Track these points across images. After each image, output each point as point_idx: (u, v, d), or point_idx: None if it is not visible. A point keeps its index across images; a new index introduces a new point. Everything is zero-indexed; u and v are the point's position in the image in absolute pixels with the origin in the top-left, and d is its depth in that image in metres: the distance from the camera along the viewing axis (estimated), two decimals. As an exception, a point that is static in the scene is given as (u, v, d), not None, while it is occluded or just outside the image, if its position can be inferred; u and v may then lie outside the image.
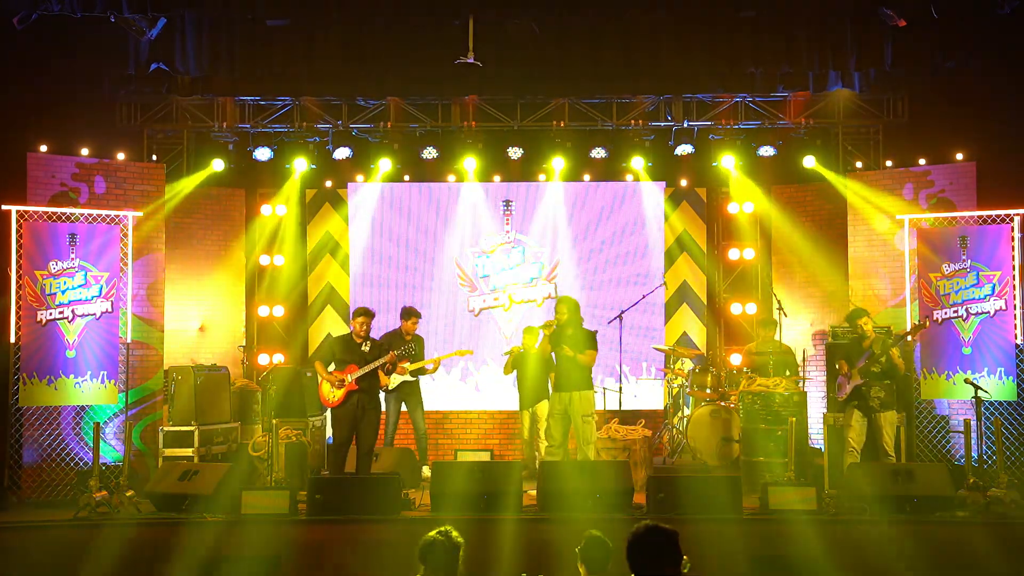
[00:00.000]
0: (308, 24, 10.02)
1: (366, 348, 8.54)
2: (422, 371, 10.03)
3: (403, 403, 10.18)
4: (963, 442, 8.39)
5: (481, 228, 12.31)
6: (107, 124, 11.06)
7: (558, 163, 11.78)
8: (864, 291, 10.77)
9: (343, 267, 12.41)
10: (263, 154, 11.71)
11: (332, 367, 8.58)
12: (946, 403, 10.00)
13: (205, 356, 11.24)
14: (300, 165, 11.80)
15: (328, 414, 10.20)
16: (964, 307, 9.73)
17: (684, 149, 11.71)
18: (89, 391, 9.38)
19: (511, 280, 12.28)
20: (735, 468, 9.77)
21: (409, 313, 10.06)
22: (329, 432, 10.58)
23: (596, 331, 9.11)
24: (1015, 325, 9.60)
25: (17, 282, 9.25)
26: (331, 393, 8.46)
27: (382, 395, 10.13)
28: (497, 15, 9.95)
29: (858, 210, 10.93)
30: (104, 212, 9.78)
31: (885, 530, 7.45)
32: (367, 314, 8.62)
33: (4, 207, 9.33)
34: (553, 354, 9.05)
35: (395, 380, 9.93)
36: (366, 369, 8.45)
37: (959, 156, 10.50)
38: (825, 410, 9.90)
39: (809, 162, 11.47)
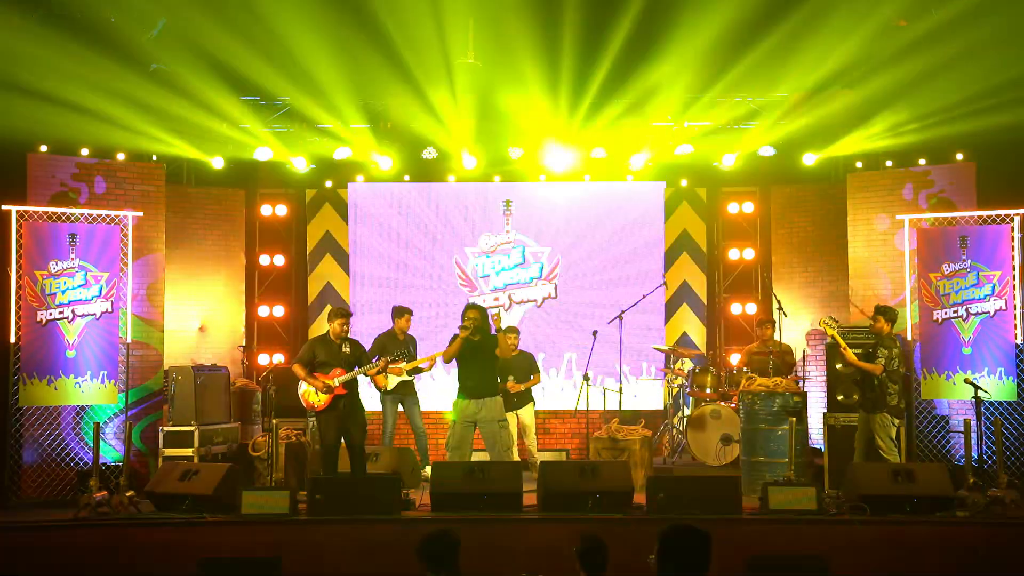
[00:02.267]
0: (308, 24, 10.02)
1: (346, 349, 8.53)
2: (417, 370, 10.06)
3: (400, 403, 10.21)
4: (963, 442, 8.38)
5: (481, 228, 12.31)
6: (107, 124, 11.04)
7: (558, 162, 11.78)
8: (864, 291, 10.77)
9: (343, 267, 12.41)
10: (263, 154, 11.72)
11: (311, 369, 8.52)
12: (946, 403, 9.99)
13: (205, 356, 11.24)
14: (299, 164, 11.80)
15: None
16: (964, 307, 9.73)
17: (684, 149, 11.71)
18: (89, 391, 9.38)
19: (511, 280, 12.28)
20: (735, 468, 9.77)
21: (402, 311, 10.13)
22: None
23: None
24: (1015, 325, 9.60)
25: (17, 282, 9.25)
26: (316, 397, 8.43)
27: (377, 395, 10.21)
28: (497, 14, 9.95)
29: (858, 210, 10.93)
30: (104, 212, 9.78)
31: (885, 530, 7.44)
32: (346, 315, 8.61)
33: (4, 207, 9.33)
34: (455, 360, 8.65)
35: (392, 380, 9.97)
36: (353, 374, 8.44)
37: (959, 156, 10.50)
38: (825, 410, 9.90)
39: (809, 160, 11.48)
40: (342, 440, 8.50)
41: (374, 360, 8.97)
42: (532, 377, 10.36)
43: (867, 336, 9.11)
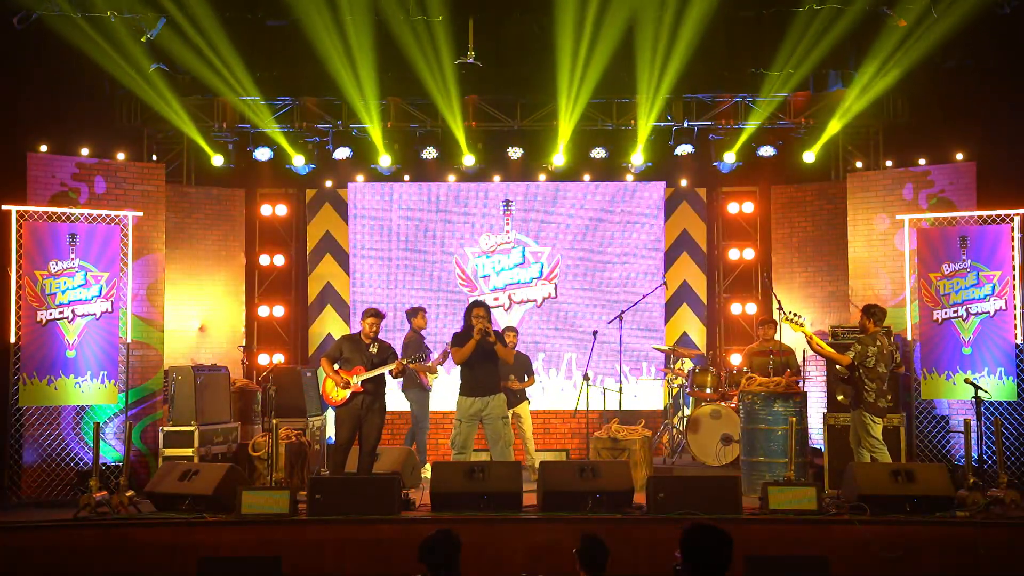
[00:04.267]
0: (308, 24, 10.04)
1: (374, 350, 8.55)
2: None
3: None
4: (963, 442, 8.38)
5: (481, 228, 12.31)
6: (107, 124, 11.06)
7: (558, 162, 11.78)
8: (864, 291, 10.77)
9: (343, 267, 12.41)
10: (263, 154, 11.72)
11: (337, 366, 8.57)
12: (946, 403, 9.99)
13: (205, 356, 11.24)
14: (299, 164, 11.81)
15: (329, 413, 10.23)
16: (964, 307, 9.72)
17: (684, 149, 11.72)
18: (89, 391, 9.38)
19: (511, 280, 12.28)
20: (735, 468, 9.77)
21: (417, 310, 10.38)
22: (330, 432, 10.61)
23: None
24: (1015, 325, 9.60)
25: (17, 282, 9.24)
26: (335, 392, 8.46)
27: (389, 394, 10.27)
28: (497, 15, 9.98)
29: (858, 210, 10.93)
30: (104, 212, 9.77)
31: (885, 530, 7.44)
32: (377, 315, 8.63)
33: (4, 207, 9.32)
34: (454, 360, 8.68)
35: (431, 380, 10.28)
36: (373, 373, 8.45)
37: (959, 156, 10.50)
38: (825, 410, 9.89)
39: (809, 157, 11.48)
40: (355, 439, 8.51)
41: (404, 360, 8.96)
42: (527, 378, 10.27)
43: (859, 334, 9.03)
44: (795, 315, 8.60)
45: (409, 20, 9.96)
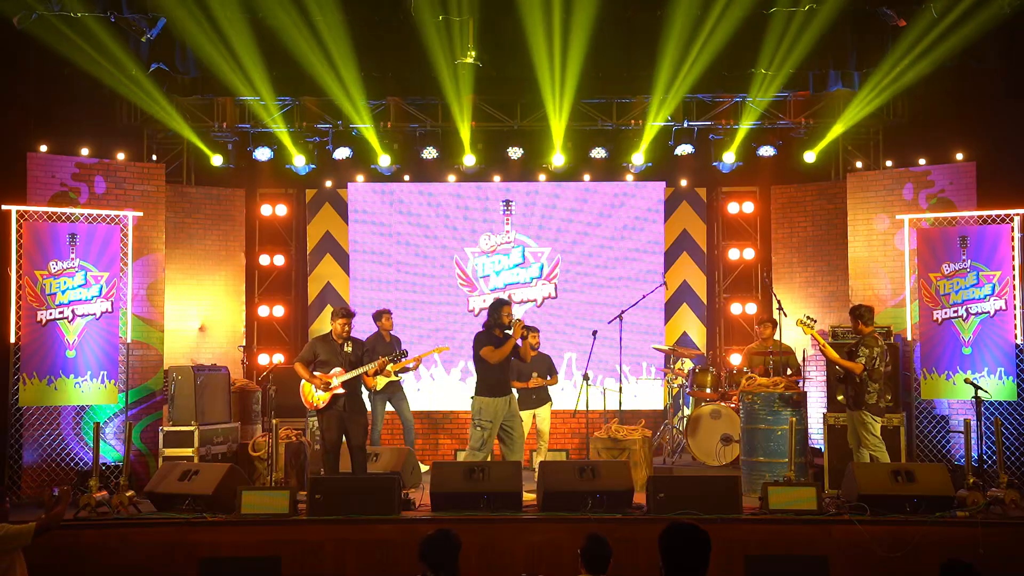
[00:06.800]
0: (308, 24, 10.03)
1: (348, 349, 8.52)
2: (404, 370, 10.23)
3: (387, 402, 10.44)
4: (963, 442, 8.39)
5: (481, 228, 12.31)
6: (107, 124, 11.06)
7: (558, 162, 11.78)
8: (864, 291, 10.77)
9: (343, 267, 12.41)
10: (263, 154, 11.72)
11: (312, 368, 8.52)
12: (946, 403, 10.00)
13: (205, 356, 11.24)
14: (299, 164, 11.80)
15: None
16: (964, 307, 9.73)
17: (684, 149, 11.72)
18: (89, 391, 9.38)
19: (511, 280, 12.28)
20: (735, 468, 9.77)
21: (381, 313, 10.44)
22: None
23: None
24: (1015, 325, 9.60)
25: (17, 282, 9.25)
26: (315, 396, 8.42)
27: (366, 395, 10.30)
28: (497, 15, 9.97)
29: (858, 210, 10.93)
30: (104, 212, 9.78)
31: (885, 530, 7.44)
32: (348, 315, 8.58)
33: (4, 207, 9.33)
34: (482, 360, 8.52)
35: (381, 381, 10.17)
36: (354, 373, 8.42)
37: (959, 156, 10.50)
38: (825, 410, 9.89)
39: (810, 157, 11.48)
40: (343, 439, 8.50)
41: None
42: (550, 377, 10.20)
43: (853, 336, 9.03)
44: (809, 319, 8.60)
45: (410, 20, 9.94)
